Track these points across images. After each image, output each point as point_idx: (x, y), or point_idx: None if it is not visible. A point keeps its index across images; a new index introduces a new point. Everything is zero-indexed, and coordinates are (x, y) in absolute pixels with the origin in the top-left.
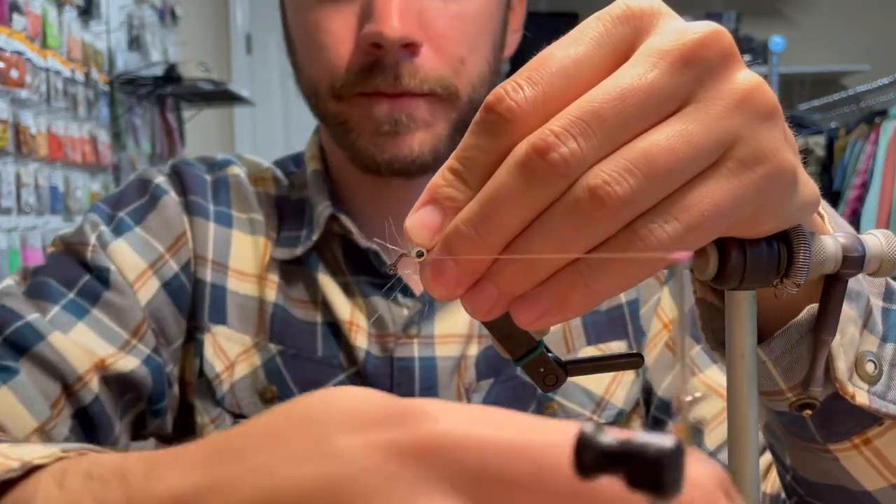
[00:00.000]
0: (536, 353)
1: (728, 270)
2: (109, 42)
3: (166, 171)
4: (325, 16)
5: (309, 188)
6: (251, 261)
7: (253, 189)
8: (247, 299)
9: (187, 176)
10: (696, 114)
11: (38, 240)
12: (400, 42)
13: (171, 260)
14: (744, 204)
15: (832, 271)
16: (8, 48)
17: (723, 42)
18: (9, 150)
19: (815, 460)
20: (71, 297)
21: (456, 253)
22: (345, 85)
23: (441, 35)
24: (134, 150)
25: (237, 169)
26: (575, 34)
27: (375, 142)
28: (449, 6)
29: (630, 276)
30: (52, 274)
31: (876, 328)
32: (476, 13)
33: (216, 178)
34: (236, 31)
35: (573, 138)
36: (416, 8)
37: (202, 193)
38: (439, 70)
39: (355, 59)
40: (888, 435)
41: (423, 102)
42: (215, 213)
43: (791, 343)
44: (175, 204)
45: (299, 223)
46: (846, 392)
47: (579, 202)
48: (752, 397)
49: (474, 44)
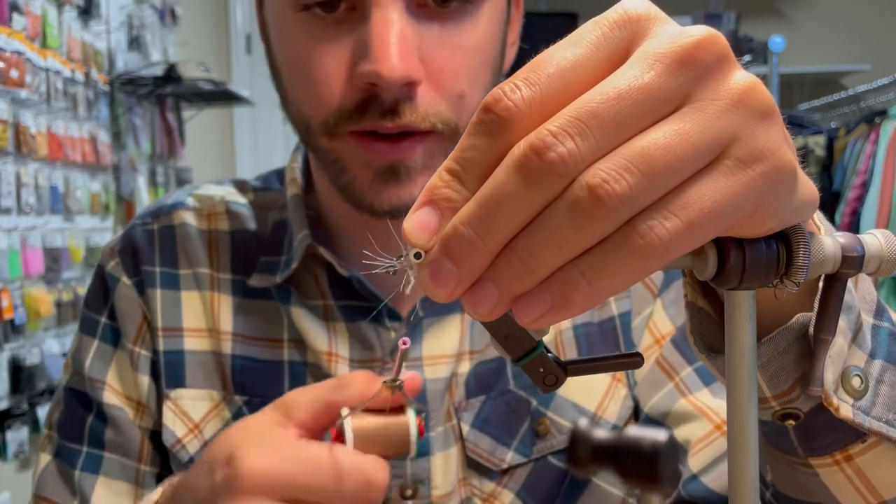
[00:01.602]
0: (536, 353)
1: (727, 270)
2: (109, 42)
3: (118, 245)
4: (317, 49)
5: (288, 212)
6: (202, 317)
7: (204, 228)
8: (206, 355)
9: (137, 242)
10: (692, 113)
11: (38, 240)
12: (399, 82)
13: (141, 350)
14: (744, 201)
15: (832, 271)
16: (8, 48)
17: (718, 45)
18: (9, 150)
19: (796, 475)
20: (84, 451)
21: (456, 254)
22: (339, 122)
23: (440, 70)
24: (134, 150)
25: (184, 214)
26: (573, 38)
27: (374, 189)
28: (449, 38)
29: (633, 273)
30: (66, 428)
31: (865, 344)
32: (477, 43)
33: (161, 228)
34: (236, 31)
35: (571, 138)
36: (415, 43)
37: (149, 258)
38: (438, 106)
39: (350, 96)
40: (870, 453)
41: (422, 146)
42: (161, 277)
43: (779, 349)
44: (127, 290)
45: (277, 248)
46: (831, 404)
47: (578, 200)
48: (752, 397)
49: (475, 77)
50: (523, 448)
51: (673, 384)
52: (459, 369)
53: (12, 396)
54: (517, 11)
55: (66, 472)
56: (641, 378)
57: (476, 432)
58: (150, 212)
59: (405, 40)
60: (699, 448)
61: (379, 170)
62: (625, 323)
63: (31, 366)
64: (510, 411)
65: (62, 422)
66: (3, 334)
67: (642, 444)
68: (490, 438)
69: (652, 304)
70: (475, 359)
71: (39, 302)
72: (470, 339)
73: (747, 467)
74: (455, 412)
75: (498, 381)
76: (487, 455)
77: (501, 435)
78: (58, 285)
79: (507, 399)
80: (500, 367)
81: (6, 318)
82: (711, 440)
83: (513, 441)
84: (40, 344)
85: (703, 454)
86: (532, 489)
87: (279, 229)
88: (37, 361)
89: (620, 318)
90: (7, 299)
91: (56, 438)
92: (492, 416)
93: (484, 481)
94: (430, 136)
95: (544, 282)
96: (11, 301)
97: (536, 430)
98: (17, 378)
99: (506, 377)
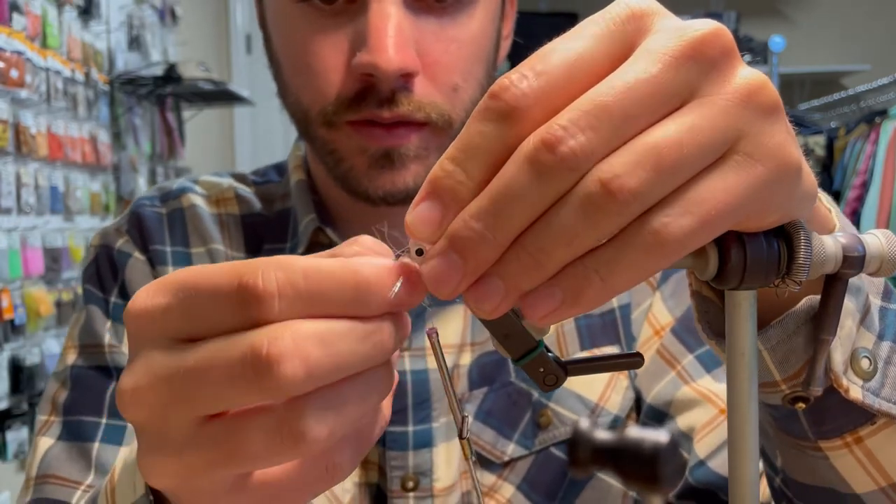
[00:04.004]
0: (536, 352)
1: (728, 270)
2: (109, 42)
3: (125, 225)
4: (316, 39)
5: (293, 199)
6: None
7: (214, 212)
8: None
9: (145, 221)
10: (700, 109)
11: (38, 240)
12: (396, 73)
13: None
14: (754, 197)
15: (832, 271)
16: (8, 48)
17: (724, 39)
18: (9, 150)
19: (806, 460)
20: (104, 422)
21: (464, 249)
22: (337, 112)
23: (436, 62)
24: (134, 149)
25: (193, 197)
26: (576, 31)
27: (369, 176)
28: (445, 30)
29: (646, 269)
30: (80, 404)
31: (873, 325)
32: (472, 37)
33: (171, 211)
34: (236, 31)
35: (582, 132)
36: (412, 34)
37: (160, 238)
38: (433, 97)
39: (347, 86)
40: (880, 435)
41: (417, 134)
42: (173, 256)
43: (787, 333)
44: (141, 265)
45: (282, 236)
46: (840, 385)
47: (590, 196)
48: (753, 397)
49: (469, 70)
50: (524, 440)
51: (675, 373)
52: (461, 360)
53: (12, 396)
54: (511, 5)
55: (80, 447)
56: (643, 369)
57: (479, 424)
58: (156, 195)
59: (402, 32)
60: (704, 433)
61: (374, 156)
62: (625, 315)
63: (31, 366)
64: (511, 403)
65: (71, 401)
66: (3, 334)
67: (643, 445)
68: (492, 430)
69: (651, 297)
70: (477, 350)
71: (39, 302)
72: (472, 331)
73: (747, 467)
74: (458, 403)
75: (500, 373)
76: (490, 447)
77: (503, 427)
78: (58, 285)
79: (508, 391)
80: (502, 359)
81: (6, 318)
82: (716, 424)
83: (514, 433)
84: (40, 344)
85: (709, 439)
86: (534, 482)
87: (283, 218)
88: (37, 361)
89: (620, 310)
90: (7, 299)
91: (61, 420)
92: (494, 409)
93: (485, 474)
94: (424, 127)
95: (555, 277)
96: (11, 301)
97: (538, 422)
98: (17, 378)
99: (507, 369)
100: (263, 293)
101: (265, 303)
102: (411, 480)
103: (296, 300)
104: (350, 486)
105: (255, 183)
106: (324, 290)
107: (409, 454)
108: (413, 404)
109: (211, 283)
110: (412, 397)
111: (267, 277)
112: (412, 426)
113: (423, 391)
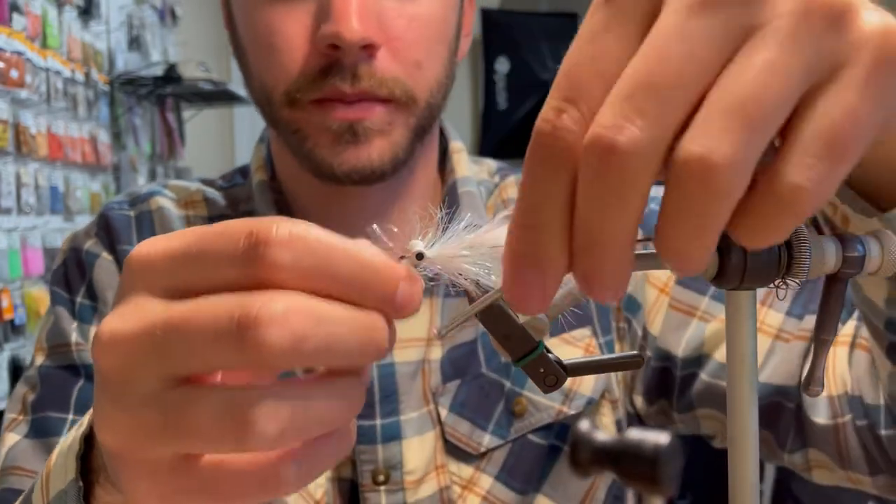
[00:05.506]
0: (536, 353)
1: (728, 270)
2: (109, 42)
3: (94, 228)
4: (278, 17)
5: (255, 200)
6: None
7: (182, 214)
8: None
9: (113, 223)
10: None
11: (38, 240)
12: (359, 43)
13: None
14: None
15: (832, 271)
16: (8, 48)
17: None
18: (9, 150)
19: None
20: (71, 418)
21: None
22: (301, 89)
23: (398, 38)
24: (134, 150)
25: (161, 200)
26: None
27: (334, 151)
28: (405, 7)
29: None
30: (47, 401)
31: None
32: (432, 16)
33: (139, 213)
34: None
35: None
36: (374, 9)
37: (127, 238)
38: (396, 73)
39: (311, 62)
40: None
41: (381, 108)
42: None
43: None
44: (108, 264)
45: None
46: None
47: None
48: (753, 399)
49: (431, 48)
50: (499, 430)
51: (696, 318)
52: (432, 355)
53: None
54: (470, 5)
55: (45, 443)
56: (662, 329)
57: (454, 416)
58: (124, 200)
59: (365, 5)
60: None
61: (338, 131)
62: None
63: None
64: (484, 395)
65: (39, 400)
66: (3, 334)
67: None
68: (467, 422)
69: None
70: (447, 344)
71: (39, 302)
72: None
73: (747, 467)
74: (433, 397)
75: (471, 364)
76: (466, 439)
77: (477, 418)
78: None
79: (480, 383)
80: (473, 350)
81: (6, 318)
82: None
83: (488, 424)
84: None
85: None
86: (512, 471)
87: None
88: None
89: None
90: (7, 299)
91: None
92: (468, 400)
93: (462, 467)
94: (388, 103)
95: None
96: (11, 301)
97: (513, 411)
98: (16, 378)
99: (478, 360)
100: (273, 240)
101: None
102: (382, 474)
103: (303, 258)
104: (323, 481)
105: (222, 187)
106: (332, 259)
107: (378, 447)
108: (380, 398)
109: (223, 227)
110: (379, 391)
111: (281, 228)
112: (380, 420)
113: (389, 384)
